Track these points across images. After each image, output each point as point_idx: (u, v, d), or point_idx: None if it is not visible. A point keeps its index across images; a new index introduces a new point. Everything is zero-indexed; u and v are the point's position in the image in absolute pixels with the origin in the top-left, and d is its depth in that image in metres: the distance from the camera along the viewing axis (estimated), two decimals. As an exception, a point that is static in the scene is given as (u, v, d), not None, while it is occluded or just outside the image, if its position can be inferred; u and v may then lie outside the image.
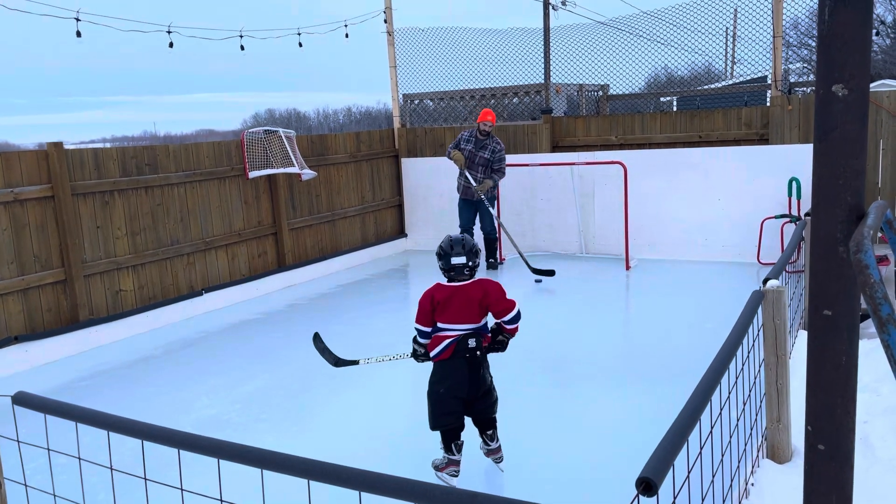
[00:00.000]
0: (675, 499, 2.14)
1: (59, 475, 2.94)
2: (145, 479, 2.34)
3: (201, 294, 7.76)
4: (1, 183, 6.20)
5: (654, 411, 4.31)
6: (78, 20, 7.71)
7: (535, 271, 8.41)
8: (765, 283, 3.55)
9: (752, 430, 3.43)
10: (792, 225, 8.11)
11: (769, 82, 8.91)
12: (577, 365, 5.70)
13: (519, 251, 8.78)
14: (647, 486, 1.76)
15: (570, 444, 4.24)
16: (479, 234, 9.10)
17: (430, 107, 11.89)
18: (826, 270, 1.62)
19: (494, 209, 9.04)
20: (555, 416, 4.69)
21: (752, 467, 3.41)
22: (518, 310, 3.71)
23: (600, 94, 12.08)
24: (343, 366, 4.28)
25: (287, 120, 54.07)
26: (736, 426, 3.02)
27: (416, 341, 3.83)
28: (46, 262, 6.54)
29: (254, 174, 8.40)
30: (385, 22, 10.72)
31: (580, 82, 10.80)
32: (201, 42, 9.39)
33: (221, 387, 5.51)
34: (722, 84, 12.87)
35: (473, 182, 8.75)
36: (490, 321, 3.79)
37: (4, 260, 6.23)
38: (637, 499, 1.79)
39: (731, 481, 2.99)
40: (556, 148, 9.91)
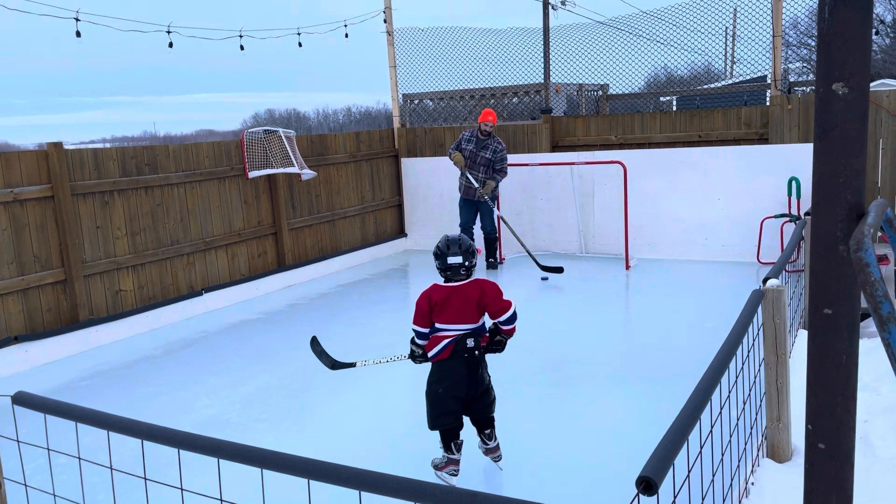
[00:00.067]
0: (675, 498, 2.14)
1: (59, 475, 2.94)
2: (145, 479, 2.34)
3: (201, 294, 7.76)
4: (1, 183, 6.20)
5: (654, 411, 4.31)
6: (78, 20, 7.71)
7: (543, 268, 8.44)
8: (765, 282, 3.55)
9: (752, 429, 3.43)
10: (792, 224, 8.11)
11: (769, 82, 8.91)
12: (577, 365, 5.70)
13: (527, 249, 8.79)
14: (647, 485, 1.76)
15: (570, 444, 4.24)
16: (479, 233, 9.11)
17: (430, 107, 11.89)
18: (826, 269, 1.61)
19: (496, 208, 9.04)
20: (555, 415, 4.69)
21: (753, 466, 3.41)
22: (514, 310, 3.70)
23: (600, 93, 12.08)
24: (340, 368, 4.28)
25: (287, 120, 54.06)
26: (736, 425, 3.02)
27: (414, 342, 3.82)
28: (46, 263, 6.54)
29: (253, 174, 8.40)
30: (385, 22, 10.72)
31: (580, 82, 10.81)
32: (201, 42, 9.40)
33: (221, 387, 5.51)
34: (721, 84, 12.86)
35: (475, 183, 8.76)
36: (488, 321, 3.79)
37: (4, 260, 6.23)
38: (637, 498, 1.79)
39: (732, 480, 2.99)
40: (555, 148, 9.91)
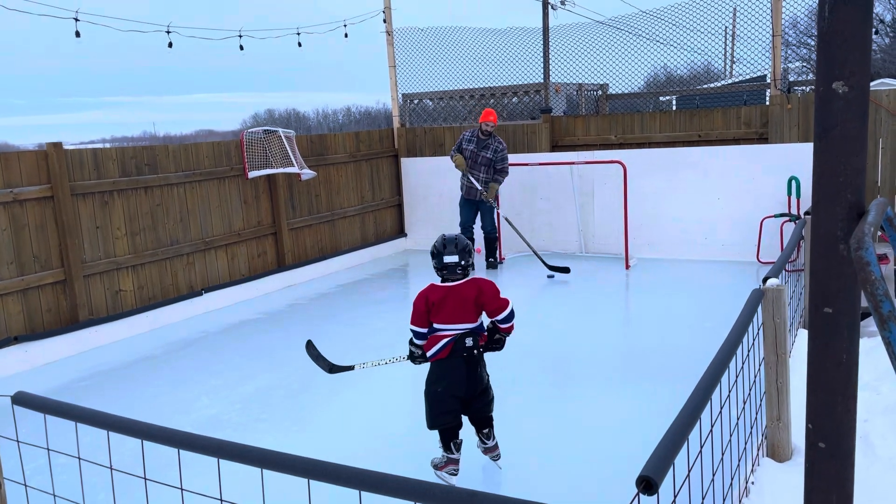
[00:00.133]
0: (675, 497, 2.14)
1: (58, 475, 2.93)
2: (145, 479, 2.34)
3: (201, 294, 7.76)
4: (0, 183, 6.20)
5: (653, 411, 4.31)
6: (77, 20, 7.71)
7: (550, 268, 8.44)
8: (764, 281, 3.55)
9: (752, 428, 3.44)
10: (791, 224, 8.11)
11: (768, 81, 8.91)
12: (576, 364, 5.70)
13: (533, 250, 8.78)
14: (647, 484, 1.76)
15: (570, 444, 4.24)
16: (479, 233, 9.11)
17: (430, 106, 11.88)
18: (826, 268, 1.61)
19: (498, 208, 9.04)
20: (554, 415, 4.68)
21: (753, 466, 3.41)
22: (511, 308, 3.70)
23: (599, 93, 12.07)
24: (338, 372, 4.27)
25: (286, 120, 54.03)
26: (736, 425, 3.02)
27: (413, 343, 3.81)
28: (46, 263, 6.54)
29: (253, 174, 8.39)
30: (384, 21, 10.72)
31: (579, 81, 10.80)
32: (201, 42, 9.40)
33: (221, 387, 5.51)
34: (721, 83, 12.85)
35: (478, 184, 8.76)
36: (486, 320, 3.79)
37: (4, 260, 6.22)
38: (637, 498, 1.79)
39: (732, 480, 2.99)
40: (555, 147, 9.91)
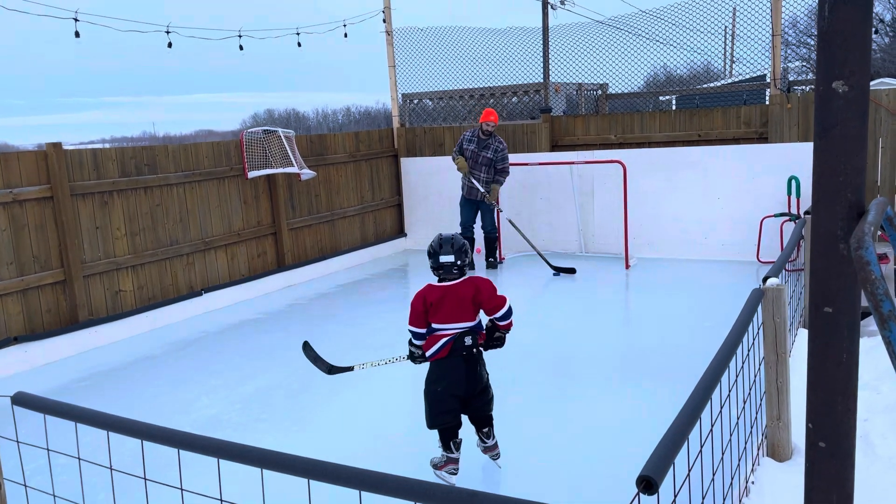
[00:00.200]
0: (675, 497, 2.14)
1: (58, 475, 2.93)
2: (145, 479, 2.34)
3: (201, 294, 7.76)
4: (0, 184, 6.19)
5: (654, 410, 4.31)
6: (76, 20, 7.71)
7: (555, 269, 8.44)
8: (764, 281, 3.55)
9: (752, 428, 3.43)
10: (791, 223, 8.11)
11: (768, 81, 8.91)
12: (576, 364, 5.70)
13: (537, 250, 8.78)
14: (647, 484, 1.76)
15: (570, 443, 4.24)
16: (479, 232, 9.11)
17: (430, 106, 11.88)
18: (826, 268, 1.61)
19: (498, 209, 9.04)
20: (555, 415, 4.68)
21: (753, 465, 3.40)
22: (509, 306, 3.70)
23: (599, 93, 12.07)
24: (337, 373, 4.27)
25: (286, 120, 54.01)
26: (736, 424, 3.02)
27: (412, 343, 3.82)
28: (46, 263, 6.54)
29: (253, 174, 8.39)
30: (384, 21, 10.72)
31: (579, 81, 10.80)
32: (200, 42, 9.40)
33: (221, 387, 5.50)
34: (721, 83, 12.85)
35: (480, 186, 8.76)
36: (485, 319, 3.79)
37: (4, 261, 6.22)
38: (637, 497, 1.79)
39: (732, 479, 2.99)
40: (555, 147, 9.91)
